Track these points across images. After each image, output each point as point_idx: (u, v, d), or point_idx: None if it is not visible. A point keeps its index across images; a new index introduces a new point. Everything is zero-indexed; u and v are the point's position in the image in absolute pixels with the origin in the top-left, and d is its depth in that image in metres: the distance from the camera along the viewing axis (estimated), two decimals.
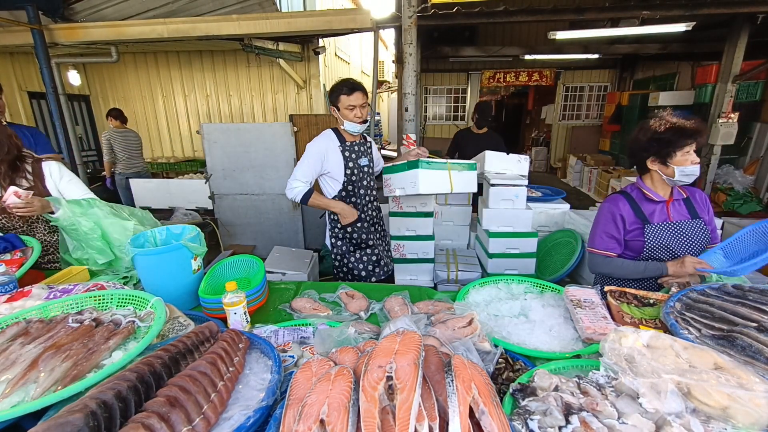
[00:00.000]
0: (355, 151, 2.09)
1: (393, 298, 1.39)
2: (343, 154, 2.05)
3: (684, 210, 1.56)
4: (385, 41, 11.40)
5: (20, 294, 1.25)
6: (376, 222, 2.31)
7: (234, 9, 4.39)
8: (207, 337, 0.98)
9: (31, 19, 3.98)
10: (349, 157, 2.07)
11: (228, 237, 4.38)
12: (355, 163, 2.09)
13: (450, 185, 1.88)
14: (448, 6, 3.74)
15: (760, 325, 0.96)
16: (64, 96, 4.46)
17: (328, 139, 2.07)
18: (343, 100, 1.94)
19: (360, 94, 1.94)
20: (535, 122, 11.16)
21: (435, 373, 0.81)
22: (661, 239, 1.52)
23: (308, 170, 2.04)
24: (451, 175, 1.88)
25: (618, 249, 1.60)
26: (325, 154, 2.04)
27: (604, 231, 1.61)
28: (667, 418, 0.70)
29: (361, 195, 2.16)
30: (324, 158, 2.05)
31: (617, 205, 1.59)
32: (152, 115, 6.67)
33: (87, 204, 1.60)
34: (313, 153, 2.04)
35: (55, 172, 1.78)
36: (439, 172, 1.86)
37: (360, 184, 2.14)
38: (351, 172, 2.09)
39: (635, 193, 1.60)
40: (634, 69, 8.02)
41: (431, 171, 1.84)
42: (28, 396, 0.79)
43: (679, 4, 3.86)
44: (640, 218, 1.54)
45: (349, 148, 2.07)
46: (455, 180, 1.89)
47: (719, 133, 4.69)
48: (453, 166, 1.90)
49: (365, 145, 2.16)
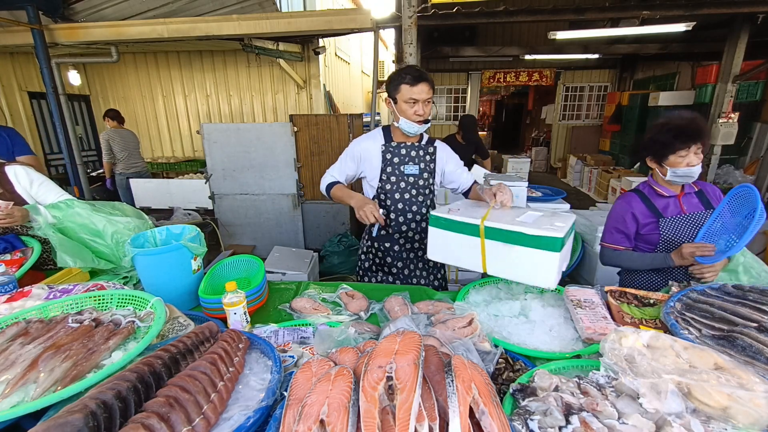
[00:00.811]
0: (401, 155, 1.70)
1: (393, 298, 1.39)
2: (383, 156, 1.70)
3: (697, 201, 1.59)
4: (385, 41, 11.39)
5: (20, 294, 1.25)
6: (417, 249, 1.81)
7: (234, 9, 4.39)
8: (207, 337, 0.98)
9: (31, 19, 3.98)
10: (390, 160, 1.69)
11: (228, 237, 4.38)
12: (395, 168, 1.70)
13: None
14: (448, 6, 3.74)
15: (760, 326, 0.96)
16: (65, 96, 4.46)
17: (371, 139, 1.75)
18: (404, 91, 1.57)
19: (426, 86, 1.57)
20: (535, 122, 11.17)
21: (435, 373, 0.81)
22: (677, 231, 1.56)
23: (340, 168, 1.78)
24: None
25: (626, 243, 1.65)
26: (362, 154, 1.74)
27: (613, 226, 1.67)
28: (667, 419, 0.70)
29: (399, 210, 1.73)
30: (360, 159, 1.74)
31: (629, 203, 1.64)
32: (152, 115, 6.67)
33: (66, 206, 1.53)
34: (347, 152, 1.77)
35: (22, 177, 1.66)
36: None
37: (398, 196, 1.72)
38: (386, 179, 1.71)
39: (647, 190, 1.64)
40: (634, 69, 8.02)
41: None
42: (28, 396, 0.79)
43: (679, 4, 3.86)
44: (654, 213, 1.59)
45: (394, 150, 1.70)
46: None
47: (719, 133, 4.70)
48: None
49: (423, 150, 1.74)
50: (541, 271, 1.18)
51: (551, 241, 1.13)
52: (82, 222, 1.51)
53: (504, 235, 1.21)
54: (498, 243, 1.23)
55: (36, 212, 1.50)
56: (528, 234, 1.17)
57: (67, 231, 1.52)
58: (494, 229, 1.23)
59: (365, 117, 6.02)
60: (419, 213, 1.76)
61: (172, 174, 6.34)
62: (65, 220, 1.50)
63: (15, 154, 2.15)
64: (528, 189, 3.35)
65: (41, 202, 1.70)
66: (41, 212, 1.49)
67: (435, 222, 1.38)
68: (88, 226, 1.51)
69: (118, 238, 1.52)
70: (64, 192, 1.76)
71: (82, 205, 1.57)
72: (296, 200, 4.21)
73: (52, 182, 1.77)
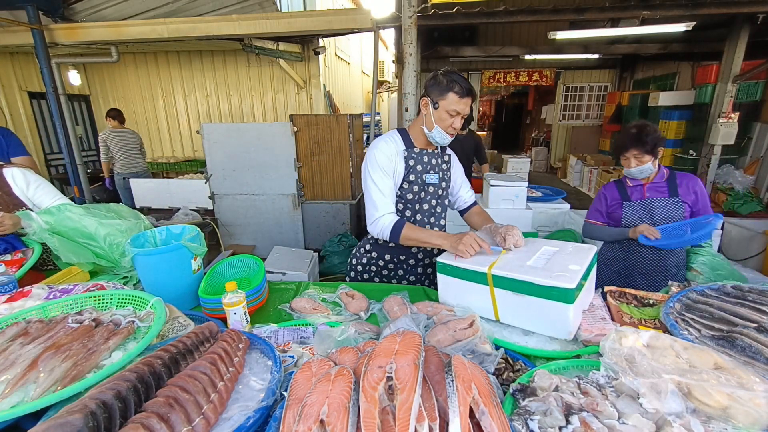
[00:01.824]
0: (423, 162, 1.56)
1: (392, 298, 1.38)
2: (406, 162, 1.54)
3: (664, 189, 1.93)
4: (385, 41, 11.40)
5: (20, 294, 1.25)
6: (433, 264, 1.69)
7: (234, 9, 4.40)
8: (207, 337, 0.98)
9: (31, 19, 3.99)
10: (413, 168, 1.54)
11: (228, 237, 4.38)
12: (418, 177, 1.55)
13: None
14: (448, 6, 3.74)
15: (759, 326, 0.97)
16: (65, 96, 4.46)
17: (393, 142, 1.56)
18: (451, 100, 1.42)
19: (470, 101, 1.45)
20: (535, 122, 11.17)
21: (435, 373, 0.81)
22: (634, 212, 1.96)
23: (385, 189, 1.51)
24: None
25: (601, 219, 2.10)
26: (392, 165, 1.54)
27: (594, 206, 2.13)
28: (667, 419, 0.70)
29: (418, 222, 1.61)
30: (393, 172, 1.54)
31: (605, 187, 2.11)
32: (152, 114, 6.67)
33: (57, 210, 1.52)
34: (383, 163, 1.50)
35: (19, 179, 1.67)
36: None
37: (418, 207, 1.59)
38: (408, 187, 1.56)
39: (624, 179, 2.05)
40: (634, 69, 8.01)
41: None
42: (28, 396, 0.79)
43: (679, 4, 3.86)
44: (622, 196, 2.01)
45: (417, 156, 1.55)
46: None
47: (719, 134, 4.69)
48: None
49: (440, 158, 1.62)
50: (554, 322, 1.09)
51: (563, 293, 1.03)
52: (74, 226, 1.50)
53: (513, 284, 1.12)
54: (508, 292, 1.14)
55: (28, 218, 1.49)
56: (537, 284, 1.08)
57: (62, 234, 1.52)
58: (503, 277, 1.14)
59: (365, 117, 6.03)
60: (437, 225, 1.66)
61: (172, 174, 6.35)
62: (57, 224, 1.49)
63: (10, 155, 2.14)
64: (528, 189, 3.36)
65: (38, 205, 1.70)
66: (33, 218, 1.48)
67: (442, 269, 1.29)
68: (80, 230, 1.51)
69: (111, 240, 1.51)
70: (60, 195, 1.75)
71: (73, 208, 1.56)
72: (296, 200, 4.21)
73: (49, 185, 1.77)
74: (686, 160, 5.47)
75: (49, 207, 1.57)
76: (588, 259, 1.18)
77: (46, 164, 6.16)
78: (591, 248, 1.26)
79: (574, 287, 1.03)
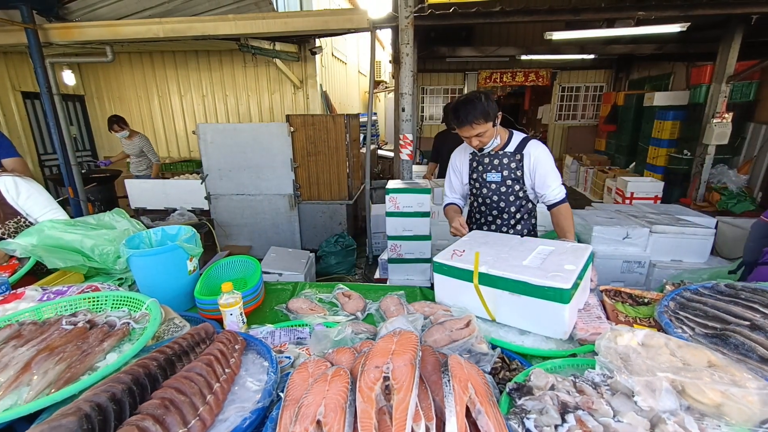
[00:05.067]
0: (484, 164, 1.82)
1: (389, 298, 1.38)
2: (470, 164, 1.88)
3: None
4: (381, 41, 11.40)
5: (13, 296, 1.24)
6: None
7: (230, 9, 4.38)
8: (203, 338, 0.98)
9: (25, 19, 3.95)
10: (475, 168, 1.86)
11: (224, 237, 4.36)
12: (479, 176, 1.85)
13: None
14: (444, 6, 3.74)
15: (752, 324, 0.97)
16: (59, 96, 4.42)
17: (463, 149, 1.92)
18: (458, 129, 1.72)
19: (468, 128, 1.66)
20: (532, 122, 11.21)
21: (432, 373, 0.82)
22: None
23: (448, 182, 1.99)
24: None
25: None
26: (458, 166, 1.93)
27: None
28: (661, 416, 0.70)
29: (481, 213, 1.92)
30: (460, 172, 1.93)
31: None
32: (148, 115, 6.63)
33: (37, 231, 1.50)
34: (453, 163, 1.95)
35: (11, 188, 1.67)
36: None
37: (480, 200, 1.89)
38: (473, 184, 1.90)
39: None
40: (629, 69, 8.06)
41: None
42: (21, 399, 0.78)
43: (674, 5, 3.88)
44: None
45: (479, 159, 1.83)
46: None
47: (713, 133, 4.72)
48: None
49: (508, 158, 1.78)
50: (550, 322, 1.09)
51: (559, 293, 1.03)
52: (57, 244, 1.49)
53: (509, 284, 1.11)
54: (504, 292, 1.13)
55: (7, 245, 1.46)
56: (532, 284, 1.07)
57: (49, 246, 1.50)
58: (499, 277, 1.12)
59: (362, 117, 6.02)
60: (501, 218, 1.88)
61: (168, 174, 6.31)
62: (41, 243, 1.47)
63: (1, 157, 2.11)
64: None
65: (28, 215, 1.70)
66: (15, 244, 1.46)
67: (439, 269, 1.27)
68: (64, 246, 1.50)
69: (100, 251, 1.50)
70: (51, 206, 1.72)
71: (56, 225, 1.53)
72: (293, 200, 4.20)
73: (40, 194, 1.74)
74: (681, 160, 5.51)
75: (29, 229, 1.53)
76: (583, 259, 1.18)
77: (40, 165, 6.10)
78: (587, 248, 1.26)
79: (570, 287, 1.03)
